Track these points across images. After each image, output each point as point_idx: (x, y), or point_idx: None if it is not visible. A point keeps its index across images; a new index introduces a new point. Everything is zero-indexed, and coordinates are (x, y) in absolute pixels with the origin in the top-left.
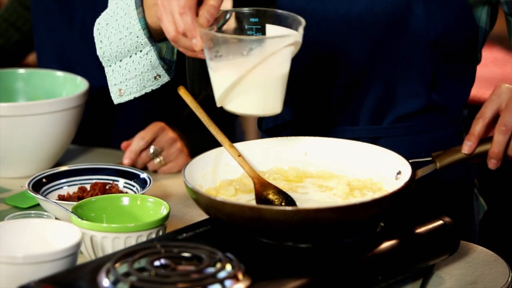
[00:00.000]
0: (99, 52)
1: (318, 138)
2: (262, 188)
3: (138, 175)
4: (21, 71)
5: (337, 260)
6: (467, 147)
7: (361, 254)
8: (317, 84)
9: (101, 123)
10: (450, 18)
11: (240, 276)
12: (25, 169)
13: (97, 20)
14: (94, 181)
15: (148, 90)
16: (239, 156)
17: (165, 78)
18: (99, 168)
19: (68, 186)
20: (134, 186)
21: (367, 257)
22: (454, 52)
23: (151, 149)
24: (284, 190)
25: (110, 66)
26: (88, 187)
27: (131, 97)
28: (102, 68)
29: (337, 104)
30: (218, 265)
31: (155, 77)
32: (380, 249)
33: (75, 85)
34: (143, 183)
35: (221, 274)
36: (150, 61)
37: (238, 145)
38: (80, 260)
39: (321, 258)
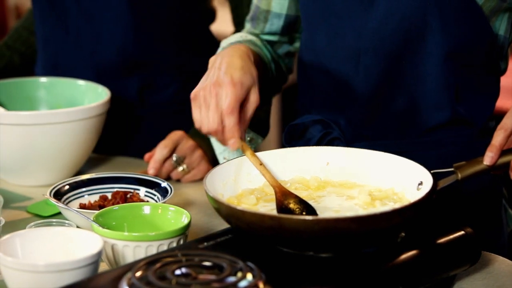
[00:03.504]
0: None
1: (340, 148)
2: (283, 197)
3: (159, 184)
4: (43, 79)
5: (358, 270)
6: (488, 158)
7: (382, 264)
8: (339, 100)
9: (120, 132)
10: (466, 29)
11: (261, 285)
12: (46, 177)
13: None
14: (115, 189)
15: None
16: (261, 164)
17: (259, 140)
18: (120, 177)
19: (89, 194)
20: (155, 195)
21: (388, 267)
22: (474, 63)
23: (174, 157)
24: (305, 199)
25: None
26: (109, 195)
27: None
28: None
29: (361, 118)
30: (239, 274)
31: (249, 141)
32: (401, 259)
33: (96, 94)
34: (164, 192)
35: (242, 284)
36: None
37: (260, 154)
38: (101, 269)
39: (342, 268)
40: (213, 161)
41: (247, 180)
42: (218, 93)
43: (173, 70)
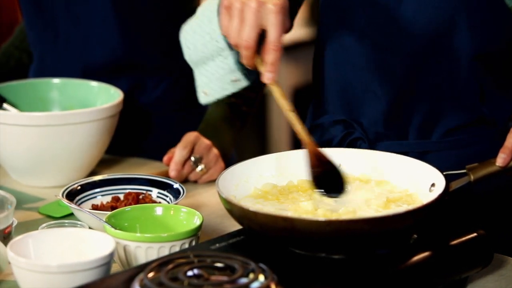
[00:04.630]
0: (186, 57)
1: (352, 149)
2: (316, 161)
3: (171, 185)
4: (56, 81)
5: (371, 272)
6: (501, 160)
7: (394, 266)
8: (362, 98)
9: (133, 133)
10: (494, 31)
11: (273, 286)
12: (59, 178)
13: (184, 28)
14: (127, 191)
15: (228, 92)
16: (292, 111)
17: (243, 82)
18: (132, 178)
19: (102, 195)
20: (167, 196)
21: (400, 269)
22: (500, 64)
23: (192, 158)
24: (316, 200)
25: (198, 69)
26: (121, 196)
27: (214, 98)
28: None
29: (384, 118)
30: (251, 275)
31: (233, 81)
32: (413, 261)
33: (109, 95)
34: (176, 193)
35: (254, 285)
36: (229, 65)
37: (272, 156)
38: (114, 270)
39: (354, 269)
40: (224, 158)
41: (259, 181)
42: (259, 11)
43: (162, 70)
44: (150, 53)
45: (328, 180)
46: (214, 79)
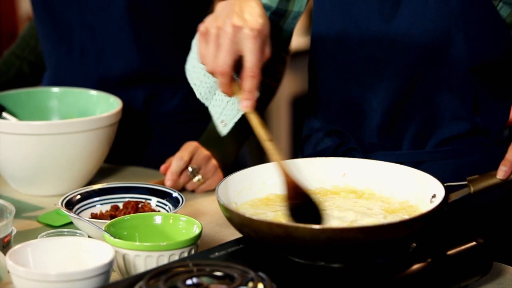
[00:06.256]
0: (198, 95)
1: (356, 159)
2: (294, 194)
3: (171, 194)
4: (55, 89)
5: (369, 281)
6: (502, 173)
7: (393, 275)
8: (357, 110)
9: (131, 143)
10: (489, 43)
11: None
12: (58, 187)
13: (186, 66)
14: (126, 199)
15: (241, 113)
16: (270, 140)
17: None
18: (131, 186)
19: (101, 204)
20: (166, 205)
21: (399, 277)
22: (494, 75)
23: (190, 168)
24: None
25: (210, 103)
26: (120, 205)
27: (232, 123)
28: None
29: (379, 129)
30: (250, 284)
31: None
32: (412, 270)
33: (108, 104)
34: (175, 202)
35: None
36: None
37: (271, 164)
38: (113, 278)
39: (353, 278)
40: (223, 169)
41: (260, 189)
42: (235, 36)
43: (178, 80)
44: (166, 64)
45: (305, 212)
46: (226, 104)
